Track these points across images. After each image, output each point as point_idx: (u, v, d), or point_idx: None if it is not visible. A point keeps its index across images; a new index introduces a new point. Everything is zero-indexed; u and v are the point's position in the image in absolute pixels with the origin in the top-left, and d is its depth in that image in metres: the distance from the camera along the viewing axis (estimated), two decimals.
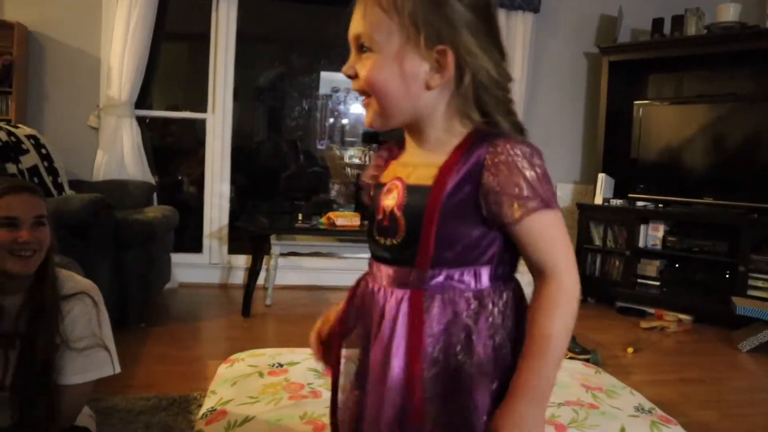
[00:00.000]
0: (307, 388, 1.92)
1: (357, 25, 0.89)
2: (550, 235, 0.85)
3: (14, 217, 1.42)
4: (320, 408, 1.77)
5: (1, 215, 1.41)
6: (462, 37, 0.85)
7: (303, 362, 2.13)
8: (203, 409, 1.81)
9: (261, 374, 2.02)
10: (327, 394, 1.86)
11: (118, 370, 1.57)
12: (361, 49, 0.89)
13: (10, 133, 3.20)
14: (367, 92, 0.90)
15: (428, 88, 0.87)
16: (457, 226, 0.85)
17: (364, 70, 0.89)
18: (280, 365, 2.10)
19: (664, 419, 1.88)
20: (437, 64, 0.86)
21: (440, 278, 0.87)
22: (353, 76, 0.91)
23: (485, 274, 0.88)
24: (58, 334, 1.48)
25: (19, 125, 3.48)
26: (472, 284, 0.88)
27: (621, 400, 2.01)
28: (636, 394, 2.11)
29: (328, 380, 1.97)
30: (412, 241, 0.87)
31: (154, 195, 4.16)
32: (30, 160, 3.26)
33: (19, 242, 1.41)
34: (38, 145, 3.37)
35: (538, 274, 0.86)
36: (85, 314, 1.53)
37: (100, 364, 1.53)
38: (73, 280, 1.57)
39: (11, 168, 3.09)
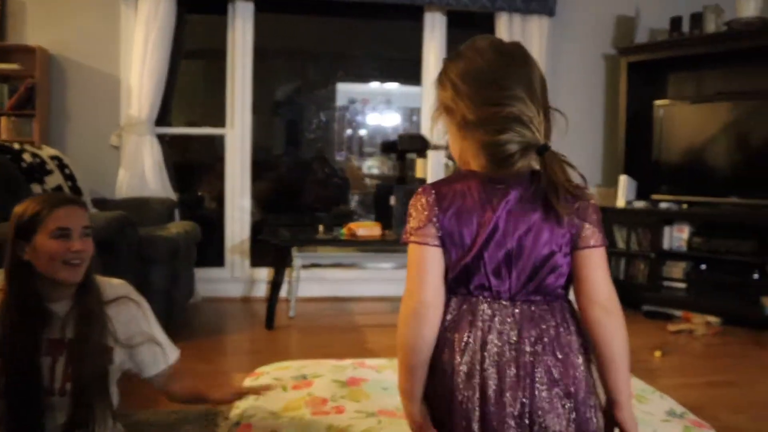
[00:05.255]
0: (330, 403, 1.90)
1: None
2: None
3: (67, 228, 1.50)
4: (344, 422, 1.76)
5: (56, 226, 1.49)
6: None
7: (327, 374, 2.13)
8: (228, 423, 1.81)
9: (284, 388, 2.02)
10: (351, 406, 1.86)
11: (176, 353, 1.73)
12: None
13: (34, 155, 3.26)
14: None
15: None
16: None
17: None
18: (304, 377, 2.10)
19: (697, 424, 1.84)
20: None
21: None
22: None
23: None
24: (109, 336, 1.57)
25: (43, 146, 3.55)
26: None
27: (652, 405, 1.98)
28: (666, 398, 2.07)
29: (352, 393, 1.96)
30: None
31: (176, 211, 4.20)
32: (54, 180, 3.31)
33: (72, 251, 1.49)
34: (62, 166, 3.43)
35: None
36: (132, 317, 1.63)
37: (158, 358, 1.67)
38: (109, 284, 1.65)
39: (36, 188, 3.14)
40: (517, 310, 1.06)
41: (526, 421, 1.02)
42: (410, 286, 1.08)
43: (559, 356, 1.05)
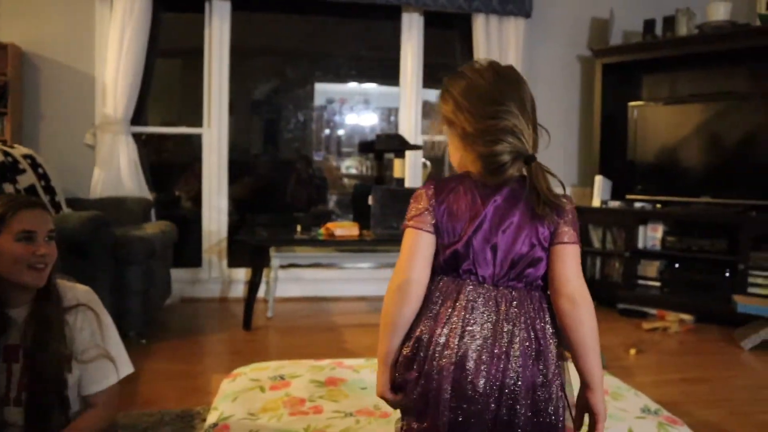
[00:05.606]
0: (309, 403, 1.90)
1: None
2: None
3: (32, 231, 1.48)
4: (322, 422, 1.76)
5: (21, 229, 1.47)
6: None
7: (305, 374, 2.13)
8: (206, 425, 1.80)
9: (262, 389, 2.01)
10: (329, 406, 1.86)
11: (129, 370, 1.65)
12: None
13: (6, 154, 3.20)
14: None
15: None
16: None
17: None
18: (282, 378, 2.09)
19: (671, 420, 1.87)
20: None
21: None
22: None
23: None
24: (66, 344, 1.52)
25: (15, 145, 3.49)
26: None
27: (627, 402, 2.01)
28: (641, 395, 2.10)
29: (330, 393, 1.97)
30: None
31: (152, 211, 4.16)
32: (27, 179, 3.26)
33: (36, 255, 1.47)
34: (35, 165, 3.37)
35: None
36: (87, 327, 1.58)
37: (106, 374, 1.59)
38: (72, 289, 1.61)
39: (8, 188, 3.09)
40: (498, 294, 1.17)
41: (496, 394, 1.12)
42: (400, 264, 1.20)
43: (533, 338, 1.15)
